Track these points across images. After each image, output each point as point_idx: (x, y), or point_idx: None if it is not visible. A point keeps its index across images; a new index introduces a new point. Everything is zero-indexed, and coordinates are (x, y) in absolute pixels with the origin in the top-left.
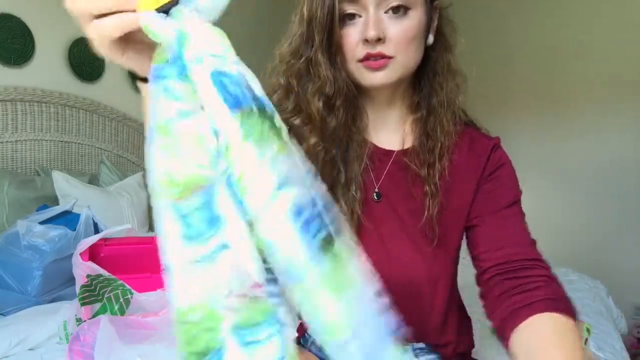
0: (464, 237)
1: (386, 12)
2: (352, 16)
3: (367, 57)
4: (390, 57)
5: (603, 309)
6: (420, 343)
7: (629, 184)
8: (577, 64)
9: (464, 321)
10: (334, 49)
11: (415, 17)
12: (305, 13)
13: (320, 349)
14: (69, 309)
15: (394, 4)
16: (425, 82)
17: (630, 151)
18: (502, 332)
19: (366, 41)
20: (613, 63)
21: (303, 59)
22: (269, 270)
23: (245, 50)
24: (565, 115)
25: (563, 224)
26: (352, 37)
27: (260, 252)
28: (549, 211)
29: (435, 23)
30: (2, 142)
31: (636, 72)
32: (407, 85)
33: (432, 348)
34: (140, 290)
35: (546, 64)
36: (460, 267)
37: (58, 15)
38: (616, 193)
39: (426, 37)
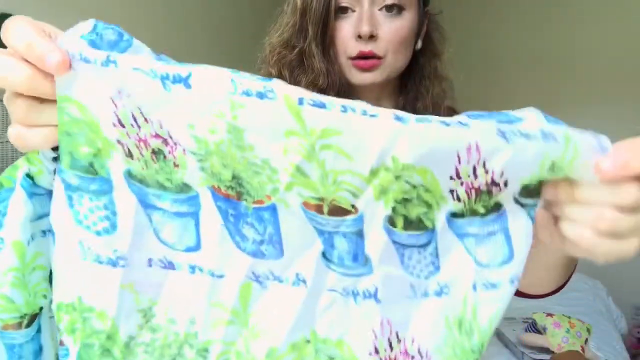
0: None
1: (380, 9)
2: (345, 10)
3: (359, 56)
4: (380, 58)
5: (603, 309)
6: None
7: None
8: (573, 68)
9: None
10: (327, 41)
11: (408, 19)
12: (299, 3)
13: None
14: None
15: (389, 2)
16: (412, 85)
17: None
18: None
19: (359, 37)
20: (607, 66)
21: (296, 50)
22: None
23: (246, 42)
24: (567, 116)
25: None
26: (345, 31)
27: None
28: None
29: (425, 28)
30: (2, 142)
31: (632, 75)
32: (394, 87)
33: None
34: None
35: (541, 69)
36: None
37: (58, 15)
38: None
39: (416, 41)
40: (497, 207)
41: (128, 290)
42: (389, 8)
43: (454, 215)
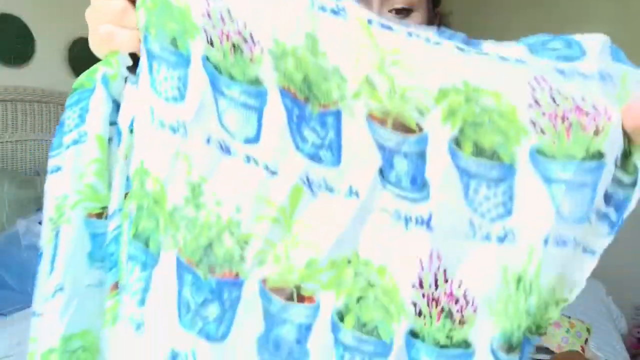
0: None
1: (390, 11)
2: None
3: None
4: None
5: (603, 309)
6: None
7: None
8: None
9: None
10: None
11: (417, 19)
12: None
13: None
14: None
15: (398, 5)
16: None
17: None
18: None
19: None
20: None
21: None
22: None
23: None
24: None
25: None
26: None
27: None
28: None
29: (435, 29)
30: (2, 142)
31: None
32: None
33: None
34: None
35: None
36: None
37: (58, 15)
38: None
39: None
40: (599, 156)
41: (182, 159)
42: (398, 11)
43: (541, 153)
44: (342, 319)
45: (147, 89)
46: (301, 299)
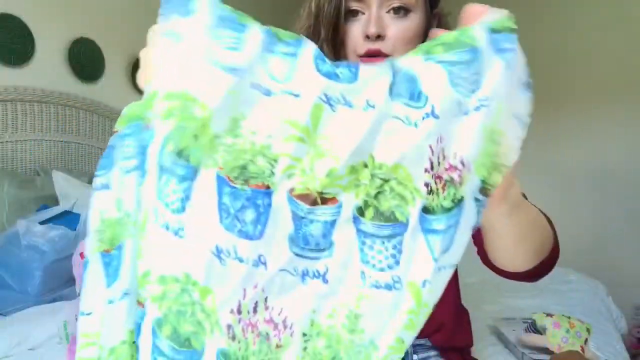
0: None
1: (387, 11)
2: (355, 13)
3: (367, 54)
4: (387, 55)
5: (603, 309)
6: (420, 339)
7: (628, 185)
8: (574, 68)
9: (462, 315)
10: (338, 42)
11: (415, 20)
12: (314, 7)
13: None
14: (69, 309)
15: (395, 4)
16: None
17: (630, 152)
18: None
19: (367, 37)
20: (608, 66)
21: None
22: None
23: None
24: (565, 117)
25: (563, 224)
26: (355, 32)
27: None
28: (549, 212)
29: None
30: (2, 142)
31: (631, 75)
32: None
33: (431, 343)
34: None
35: (543, 68)
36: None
37: (58, 15)
38: (616, 193)
39: (423, 41)
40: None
41: (232, 96)
42: (395, 10)
43: (494, 30)
44: (362, 213)
45: (202, 36)
46: (324, 201)
